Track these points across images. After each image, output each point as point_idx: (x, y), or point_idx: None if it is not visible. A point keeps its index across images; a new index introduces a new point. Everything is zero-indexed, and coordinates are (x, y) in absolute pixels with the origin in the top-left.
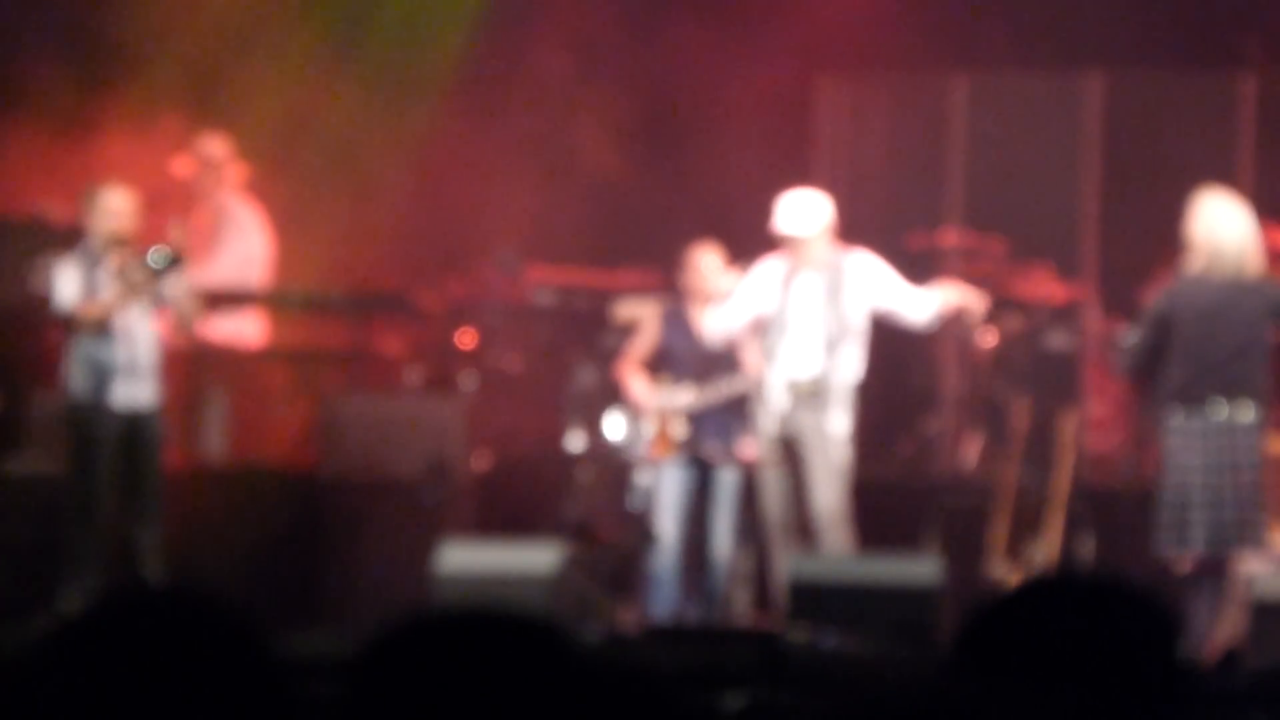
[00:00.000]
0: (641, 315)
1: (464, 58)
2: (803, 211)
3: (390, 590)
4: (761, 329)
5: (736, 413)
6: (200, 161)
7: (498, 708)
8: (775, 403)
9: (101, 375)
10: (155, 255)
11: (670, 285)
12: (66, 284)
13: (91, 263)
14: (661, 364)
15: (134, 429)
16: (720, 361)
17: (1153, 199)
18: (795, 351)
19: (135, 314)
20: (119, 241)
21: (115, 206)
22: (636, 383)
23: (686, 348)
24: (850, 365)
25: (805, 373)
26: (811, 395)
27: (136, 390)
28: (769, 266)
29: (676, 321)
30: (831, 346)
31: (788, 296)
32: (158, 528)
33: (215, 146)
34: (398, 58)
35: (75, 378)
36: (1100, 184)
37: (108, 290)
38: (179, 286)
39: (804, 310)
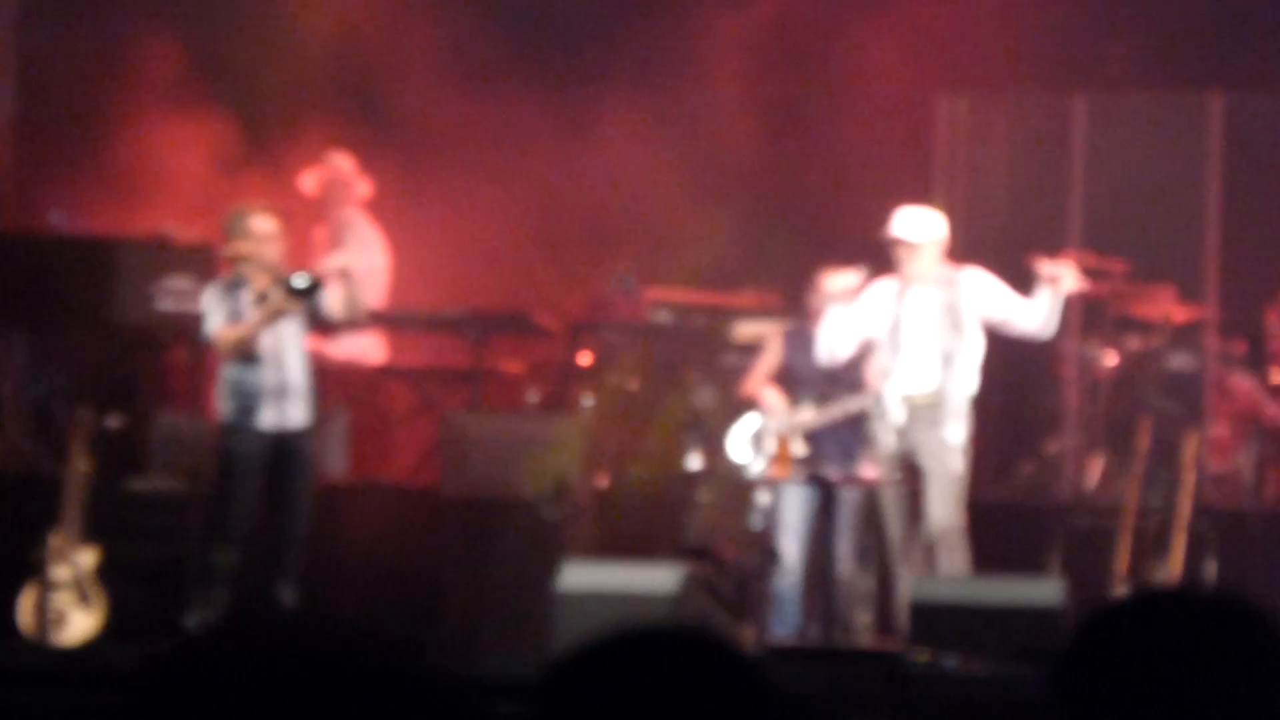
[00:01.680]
0: (764, 335)
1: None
2: (917, 220)
3: (512, 609)
4: (872, 349)
5: (858, 432)
6: (328, 176)
7: None
8: (893, 418)
9: (249, 398)
10: (298, 279)
11: (788, 305)
12: (214, 309)
13: (237, 287)
14: (784, 383)
15: (282, 450)
16: (842, 381)
17: (1274, 219)
18: (911, 367)
19: (286, 336)
20: (268, 266)
21: (264, 230)
22: (770, 394)
23: (809, 367)
24: (966, 378)
25: (922, 388)
26: (929, 409)
27: (286, 412)
28: (880, 287)
29: (799, 341)
30: (948, 360)
31: (901, 313)
32: (298, 548)
33: (343, 162)
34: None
35: (224, 401)
36: (1221, 205)
37: (250, 315)
38: (335, 301)
39: (918, 325)
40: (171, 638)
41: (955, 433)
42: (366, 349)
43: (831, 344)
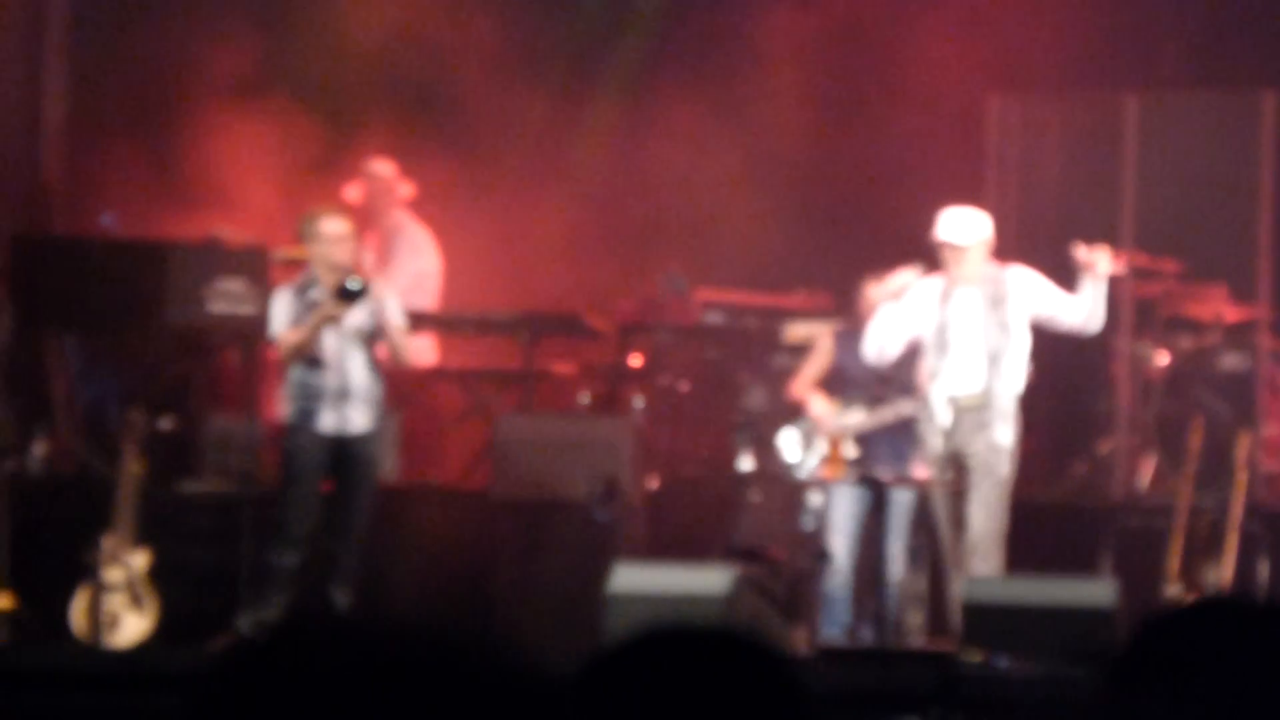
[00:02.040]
0: (815, 336)
1: (637, 75)
2: (962, 222)
3: (563, 611)
4: (919, 349)
5: (909, 434)
6: (371, 183)
7: None
8: (940, 420)
9: (311, 400)
10: (348, 283)
11: (839, 306)
12: (280, 312)
13: (307, 290)
14: (834, 385)
15: (343, 453)
16: (893, 383)
17: None
18: (958, 367)
19: (349, 340)
20: (338, 267)
21: (334, 232)
22: (817, 401)
23: (860, 368)
24: (1013, 378)
25: (969, 388)
26: (976, 411)
27: (347, 416)
28: (926, 286)
29: (850, 342)
30: (994, 360)
31: (947, 313)
32: (355, 551)
33: (383, 168)
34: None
35: (288, 404)
36: (1273, 203)
37: (307, 318)
38: (394, 319)
39: (965, 326)
40: (224, 639)
41: (1004, 435)
42: (418, 350)
43: (879, 343)
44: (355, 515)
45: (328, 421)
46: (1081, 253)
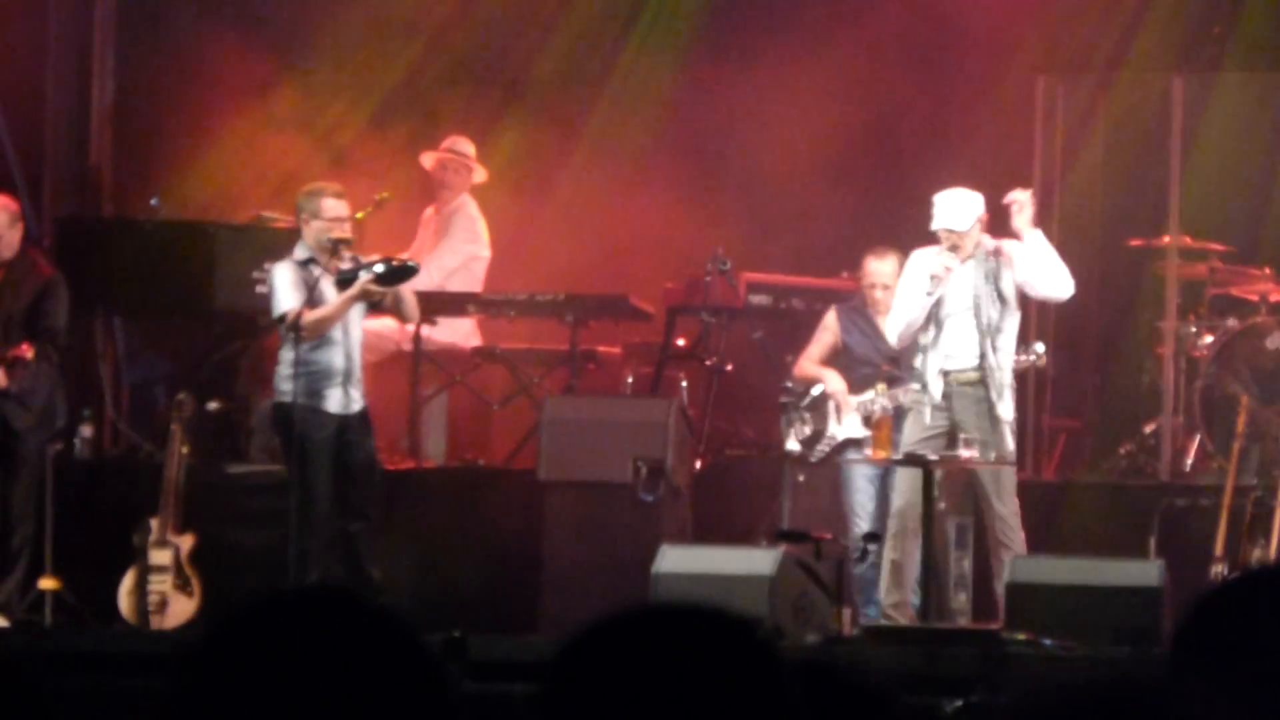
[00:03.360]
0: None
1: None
2: (958, 206)
3: (610, 591)
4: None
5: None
6: (449, 158)
7: (689, 706)
8: (933, 395)
9: (320, 380)
10: (389, 265)
11: None
12: (287, 286)
13: (312, 267)
14: (841, 363)
15: (347, 432)
16: (901, 362)
17: None
18: (953, 342)
19: (352, 319)
20: (341, 246)
21: (336, 211)
22: (830, 376)
23: (865, 347)
24: (1007, 352)
25: (965, 363)
26: (973, 386)
27: (351, 394)
28: (923, 259)
29: (854, 321)
30: (992, 335)
31: (944, 288)
32: (371, 526)
33: (465, 145)
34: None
35: (290, 382)
36: None
37: (329, 296)
38: (402, 289)
39: (960, 300)
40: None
41: (1005, 410)
42: (465, 332)
43: (904, 321)
44: (369, 492)
45: (335, 401)
46: (1008, 197)
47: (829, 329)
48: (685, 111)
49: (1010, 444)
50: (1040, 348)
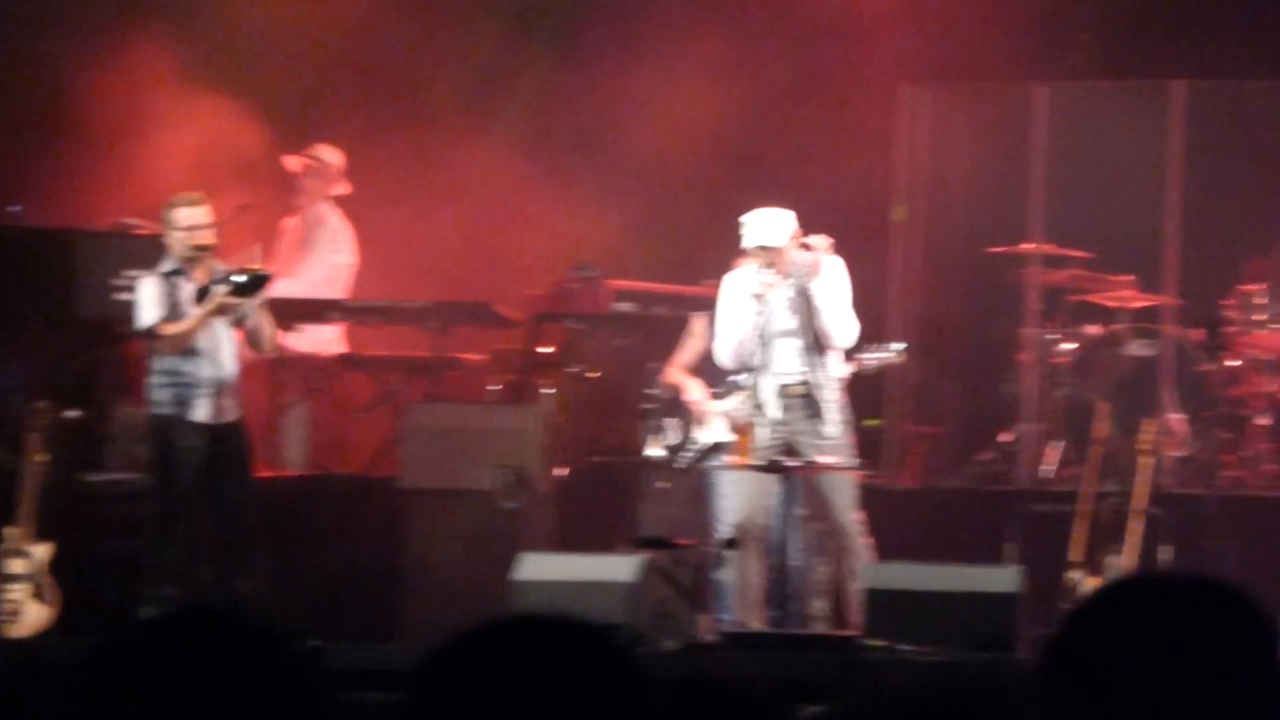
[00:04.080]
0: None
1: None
2: (771, 224)
3: (471, 600)
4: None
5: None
6: (313, 164)
7: (553, 715)
8: (770, 411)
9: (187, 390)
10: (244, 276)
11: None
12: (148, 300)
13: (174, 278)
14: (710, 371)
15: (219, 442)
16: None
17: (1233, 209)
18: (784, 359)
19: (221, 330)
20: (199, 256)
21: (192, 220)
22: (692, 386)
23: None
24: (835, 366)
25: (795, 378)
26: (803, 400)
27: (222, 405)
28: (737, 280)
29: None
30: (813, 350)
31: (767, 305)
32: (248, 539)
33: (330, 154)
34: (479, 73)
35: (159, 393)
36: (1182, 194)
37: (191, 308)
38: (262, 316)
39: (784, 319)
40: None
41: (831, 425)
42: (327, 340)
43: (738, 344)
44: (242, 503)
45: (204, 411)
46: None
47: (696, 336)
48: (550, 120)
49: (848, 451)
50: (899, 345)
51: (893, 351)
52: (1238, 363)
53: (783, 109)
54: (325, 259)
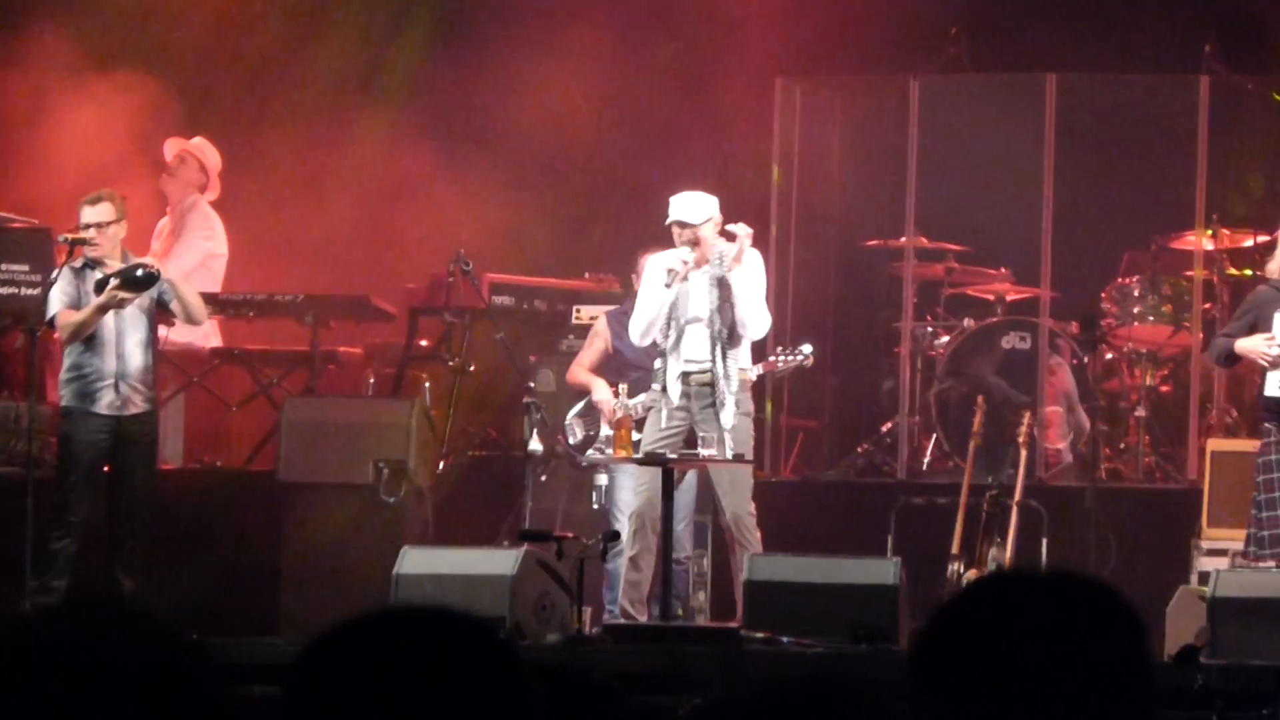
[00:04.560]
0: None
1: (421, 68)
2: (691, 203)
3: (351, 593)
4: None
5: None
6: (192, 157)
7: (430, 707)
8: (672, 397)
9: (89, 383)
10: (134, 271)
11: (626, 290)
12: (56, 293)
13: (84, 272)
14: (612, 367)
15: (121, 436)
16: None
17: (1106, 203)
18: (692, 346)
19: (128, 323)
20: (76, 247)
21: (88, 218)
22: (598, 385)
23: (634, 351)
24: (741, 356)
25: (702, 365)
26: (707, 389)
27: (126, 397)
28: (660, 261)
29: (624, 326)
30: (720, 339)
31: (680, 289)
32: (140, 532)
33: (210, 153)
34: (357, 65)
35: (65, 386)
36: (1054, 188)
37: (90, 301)
38: (181, 291)
39: (698, 305)
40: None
41: (729, 415)
42: (203, 333)
43: (648, 324)
44: (137, 498)
45: (106, 403)
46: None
47: (600, 335)
48: (428, 113)
49: (747, 445)
50: (808, 348)
51: (803, 354)
52: (1113, 356)
53: (659, 102)
54: (197, 245)
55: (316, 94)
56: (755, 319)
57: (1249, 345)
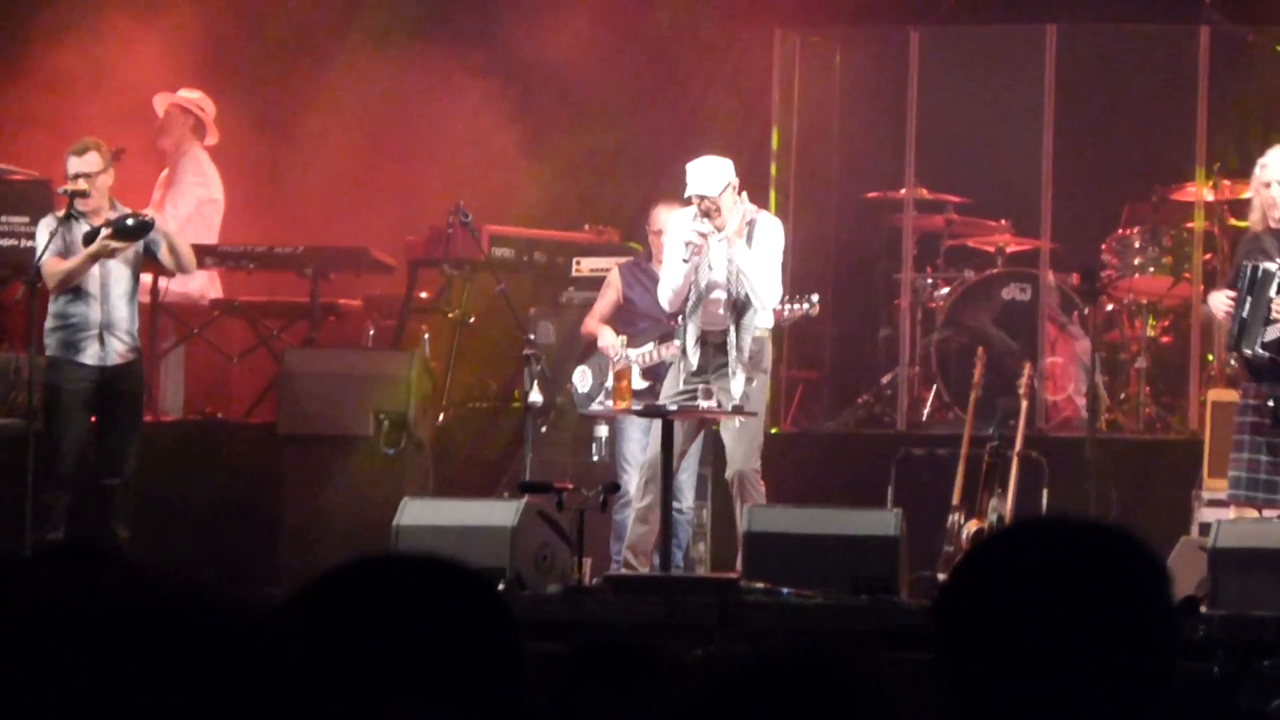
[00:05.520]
0: (603, 269)
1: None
2: (706, 173)
3: (351, 546)
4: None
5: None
6: (184, 109)
7: (417, 654)
8: (691, 359)
9: (74, 333)
10: (126, 220)
11: (625, 242)
12: (42, 242)
13: (70, 220)
14: (625, 318)
15: (107, 386)
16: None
17: (1110, 154)
18: (712, 311)
19: (114, 273)
20: (76, 199)
21: (76, 168)
22: (605, 333)
23: (647, 302)
24: (754, 320)
25: (716, 329)
26: (722, 350)
27: (111, 347)
28: (679, 220)
29: (636, 276)
30: (734, 304)
31: (702, 257)
32: (128, 481)
33: (204, 103)
34: (357, 13)
35: (50, 336)
36: (1054, 139)
37: (79, 250)
38: (173, 240)
39: (719, 270)
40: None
41: (739, 381)
42: (202, 285)
43: (674, 293)
44: (126, 448)
45: (91, 354)
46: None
47: (612, 285)
48: (425, 61)
49: (759, 404)
50: (814, 298)
51: (809, 304)
52: (1114, 307)
53: (657, 55)
54: (190, 192)
55: (315, 43)
56: (764, 292)
57: (1213, 301)
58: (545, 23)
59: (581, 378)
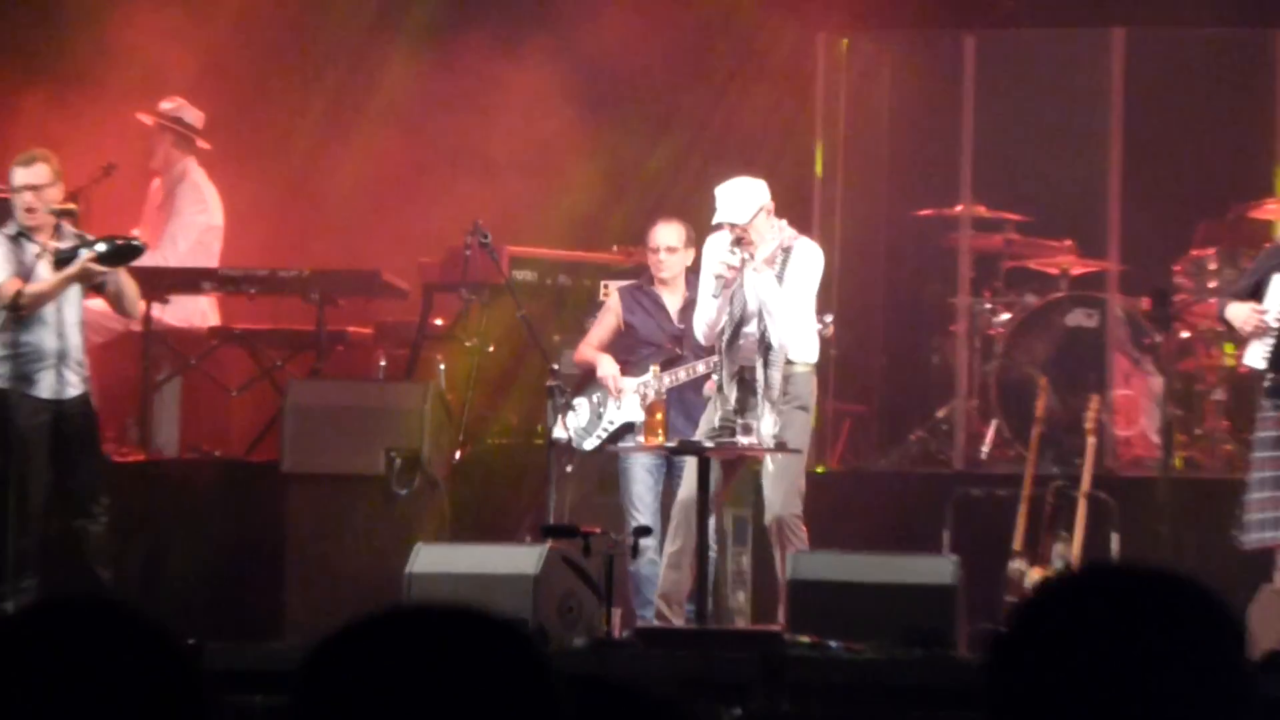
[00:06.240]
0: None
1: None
2: (736, 198)
3: (361, 594)
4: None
5: (699, 396)
6: (169, 122)
7: (447, 716)
8: (728, 393)
9: (29, 364)
10: (111, 244)
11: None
12: (1, 262)
13: (21, 239)
14: (625, 346)
15: (63, 419)
16: (686, 341)
17: (1179, 168)
18: (742, 343)
19: (67, 296)
20: (63, 219)
21: (25, 180)
22: (605, 362)
23: (650, 327)
24: (801, 350)
25: (751, 362)
26: (753, 385)
27: (65, 378)
28: (714, 247)
29: (638, 300)
30: (764, 335)
31: (734, 287)
32: (99, 522)
33: (188, 112)
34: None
35: (4, 365)
36: (1123, 151)
37: (43, 272)
38: (123, 279)
39: (754, 299)
40: None
41: (769, 419)
42: (200, 312)
43: (708, 328)
44: (94, 483)
45: (46, 386)
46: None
47: (611, 310)
48: (441, 76)
49: (797, 443)
50: (827, 318)
51: (822, 324)
52: (1188, 334)
53: (694, 62)
54: (190, 220)
55: (323, 53)
56: (784, 329)
57: (1235, 313)
58: (571, 31)
59: (577, 410)
